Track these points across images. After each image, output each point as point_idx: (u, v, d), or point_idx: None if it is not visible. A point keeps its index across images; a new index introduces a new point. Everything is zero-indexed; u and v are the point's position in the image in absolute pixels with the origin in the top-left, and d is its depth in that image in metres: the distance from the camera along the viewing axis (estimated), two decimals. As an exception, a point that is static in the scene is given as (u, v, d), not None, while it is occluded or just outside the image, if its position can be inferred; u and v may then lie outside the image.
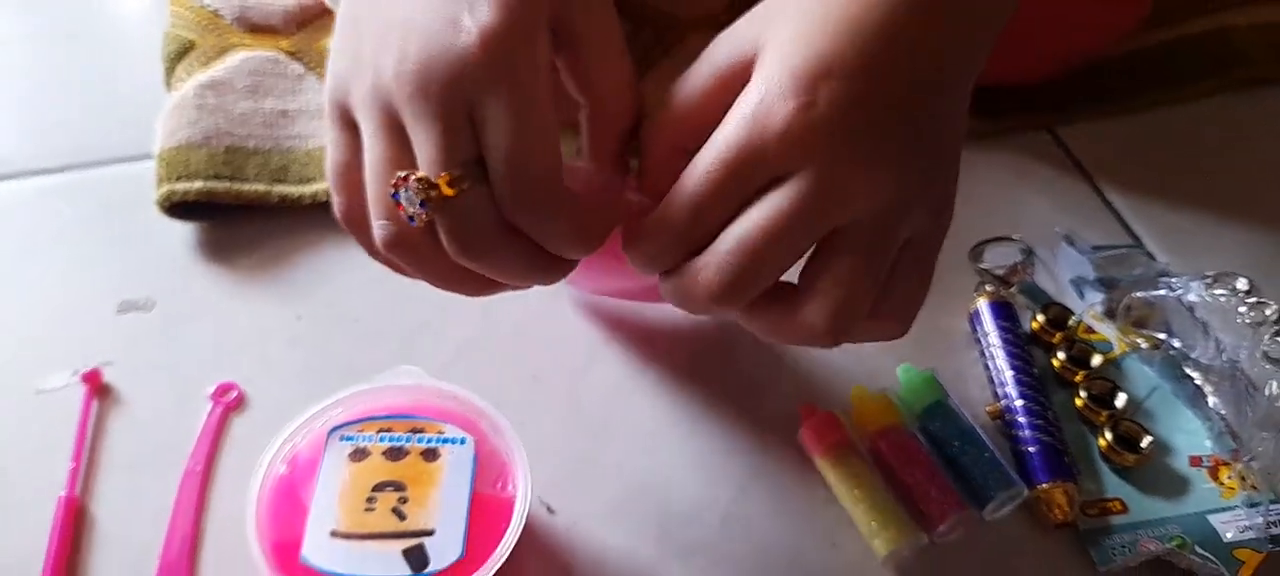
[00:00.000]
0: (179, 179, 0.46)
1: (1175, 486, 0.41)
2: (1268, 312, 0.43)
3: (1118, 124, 0.56)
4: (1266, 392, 0.40)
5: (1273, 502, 0.39)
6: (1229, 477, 0.40)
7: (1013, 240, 0.49)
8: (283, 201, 0.47)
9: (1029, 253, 0.48)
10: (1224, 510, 0.39)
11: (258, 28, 0.54)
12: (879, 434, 0.40)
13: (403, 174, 0.29)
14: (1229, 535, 0.39)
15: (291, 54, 0.53)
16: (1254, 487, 0.40)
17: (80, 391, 0.41)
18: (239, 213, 0.47)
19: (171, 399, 0.41)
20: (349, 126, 0.31)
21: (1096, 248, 0.48)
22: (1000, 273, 0.47)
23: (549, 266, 0.31)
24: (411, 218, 0.29)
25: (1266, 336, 0.41)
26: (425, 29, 0.29)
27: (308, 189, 0.47)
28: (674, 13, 0.59)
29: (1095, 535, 0.39)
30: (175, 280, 0.45)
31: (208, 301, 0.44)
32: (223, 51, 0.52)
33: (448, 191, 0.28)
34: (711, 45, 0.32)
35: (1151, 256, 0.49)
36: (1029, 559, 0.39)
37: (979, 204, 0.51)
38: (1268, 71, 0.58)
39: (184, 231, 0.47)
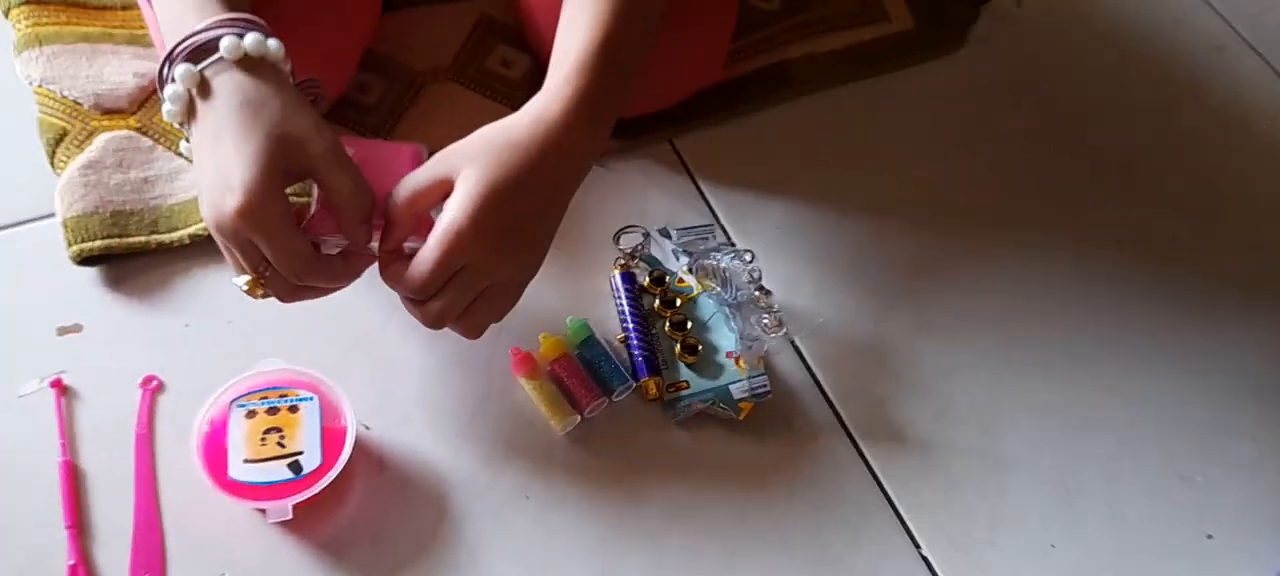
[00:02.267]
0: (83, 240, 0.68)
1: (716, 371, 0.73)
2: (755, 275, 0.76)
3: (715, 132, 0.87)
4: (751, 322, 0.73)
5: (753, 376, 0.72)
6: (742, 365, 0.74)
7: (637, 227, 0.79)
8: (159, 246, 0.70)
9: (647, 235, 0.79)
10: (738, 381, 0.73)
11: (109, 110, 0.75)
12: (554, 360, 0.71)
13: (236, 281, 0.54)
14: (737, 394, 0.72)
15: (140, 130, 0.75)
16: (749, 368, 0.73)
17: (50, 392, 0.64)
18: (131, 255, 0.70)
19: (113, 389, 0.65)
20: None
21: (683, 230, 0.79)
22: (629, 250, 0.78)
23: (331, 290, 0.58)
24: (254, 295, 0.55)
25: (755, 291, 0.75)
26: (208, 195, 0.52)
27: (175, 234, 0.71)
28: (412, 66, 0.84)
29: (672, 403, 0.71)
30: (92, 308, 0.68)
31: (119, 319, 0.68)
32: (90, 134, 0.73)
33: (257, 292, 0.54)
34: (429, 163, 0.57)
35: (720, 231, 0.81)
36: (638, 419, 0.71)
37: (619, 200, 0.81)
38: (813, 88, 0.91)
39: (91, 272, 0.69)
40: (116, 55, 0.77)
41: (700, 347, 0.73)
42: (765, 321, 0.73)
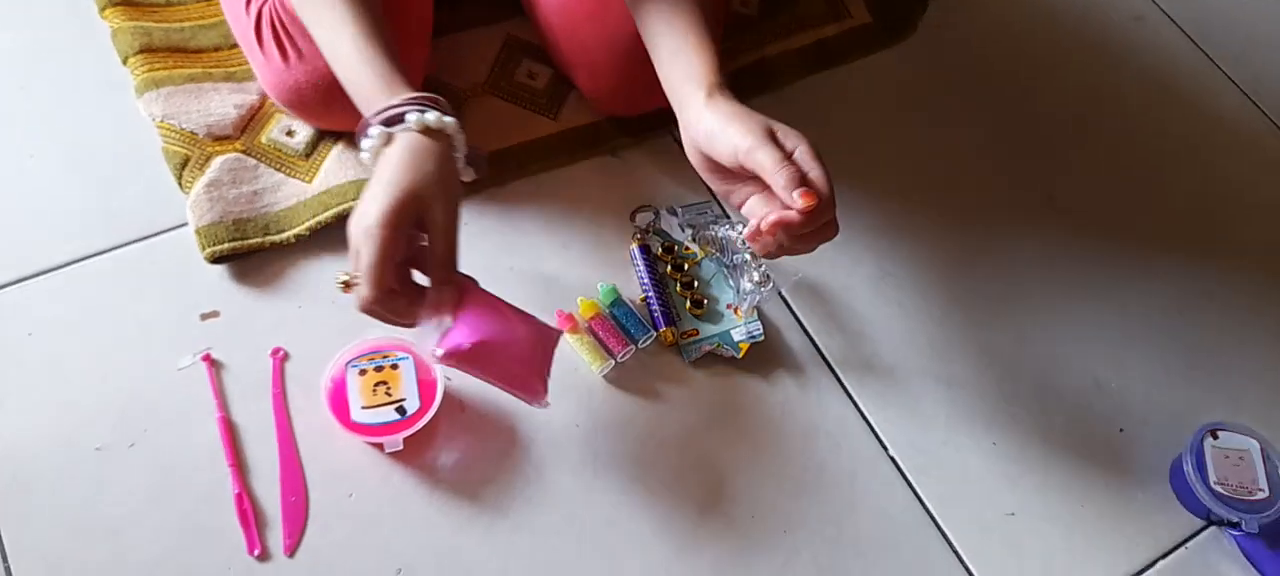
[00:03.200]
0: (213, 244, 0.86)
1: (718, 319, 0.91)
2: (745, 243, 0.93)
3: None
4: (744, 279, 0.91)
5: (749, 322, 0.90)
6: (739, 314, 0.92)
7: (649, 207, 0.97)
8: (272, 245, 0.88)
9: (657, 213, 0.96)
10: (737, 327, 0.91)
11: (219, 137, 0.92)
12: (591, 318, 0.89)
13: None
14: (737, 337, 0.90)
15: (245, 151, 0.92)
16: (746, 316, 0.91)
17: (202, 365, 0.82)
18: (251, 253, 0.88)
19: (249, 358, 0.83)
20: None
21: (687, 207, 0.97)
22: (643, 226, 0.96)
23: (394, 322, 0.71)
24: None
25: (747, 254, 0.92)
26: (360, 208, 0.67)
27: (283, 235, 0.88)
28: (455, 85, 1.01)
29: (685, 347, 0.90)
30: (226, 297, 0.86)
31: (247, 305, 0.86)
32: (207, 158, 0.90)
33: (345, 289, 0.70)
34: (751, 130, 0.70)
35: (717, 206, 0.99)
36: (658, 361, 0.89)
37: (632, 185, 0.98)
38: (790, 80, 1.08)
39: (221, 269, 0.87)
40: (216, 91, 0.94)
41: (705, 301, 0.92)
42: (756, 278, 0.91)
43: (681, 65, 0.78)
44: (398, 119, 0.70)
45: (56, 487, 0.76)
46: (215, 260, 0.86)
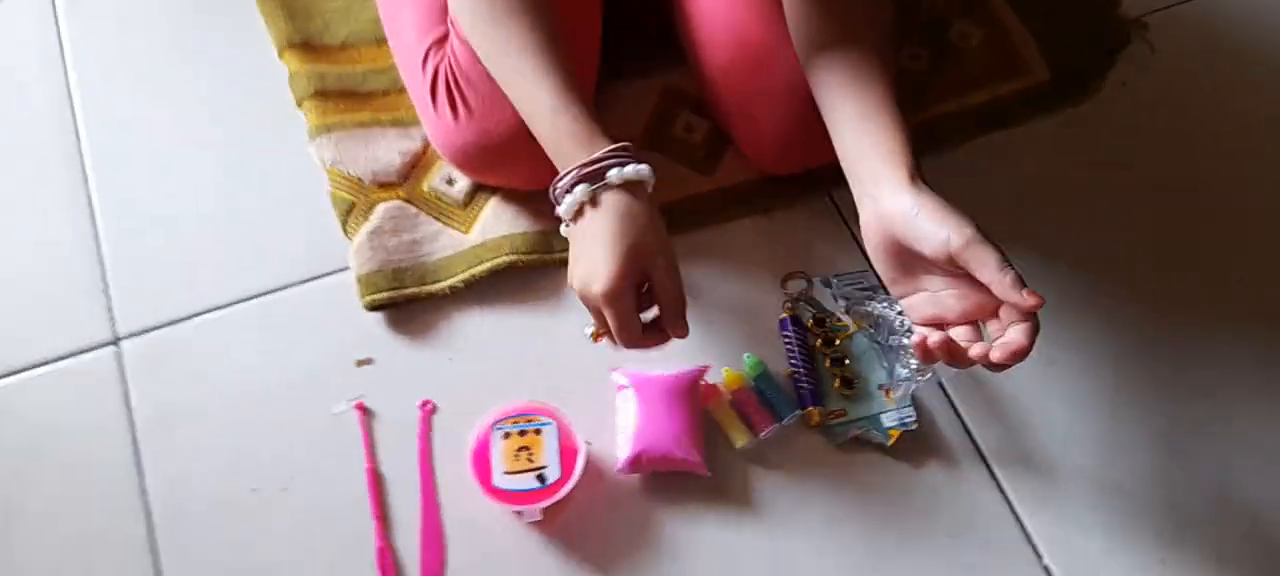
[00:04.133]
0: (372, 293, 0.88)
1: (868, 402, 0.88)
2: (905, 323, 0.89)
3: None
4: (900, 365, 0.87)
5: (902, 408, 0.86)
6: (891, 397, 0.88)
7: (801, 274, 0.94)
8: (428, 295, 0.90)
9: (809, 281, 0.94)
10: (888, 412, 0.87)
11: (383, 184, 0.95)
12: (736, 391, 0.87)
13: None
14: (888, 423, 0.87)
15: (407, 200, 0.94)
16: (898, 401, 0.87)
17: (354, 413, 0.85)
18: (408, 302, 0.90)
19: (399, 409, 0.85)
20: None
21: (842, 276, 0.94)
22: (794, 294, 0.93)
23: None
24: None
25: (904, 336, 0.88)
26: (582, 273, 0.72)
27: (440, 285, 0.90)
28: (613, 137, 1.01)
29: (830, 428, 0.87)
30: (380, 345, 0.88)
31: (401, 354, 0.88)
32: (371, 206, 0.93)
33: (598, 338, 0.73)
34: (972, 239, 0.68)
35: (874, 277, 0.95)
36: (803, 442, 0.86)
37: (785, 249, 0.95)
38: (947, 142, 1.03)
39: (378, 316, 0.89)
40: (384, 137, 0.97)
41: (856, 381, 0.88)
42: (913, 365, 0.87)
43: (871, 138, 0.75)
44: (598, 175, 0.72)
45: (213, 524, 0.80)
46: (373, 308, 0.89)
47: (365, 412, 0.85)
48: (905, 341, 0.88)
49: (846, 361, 0.89)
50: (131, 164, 0.98)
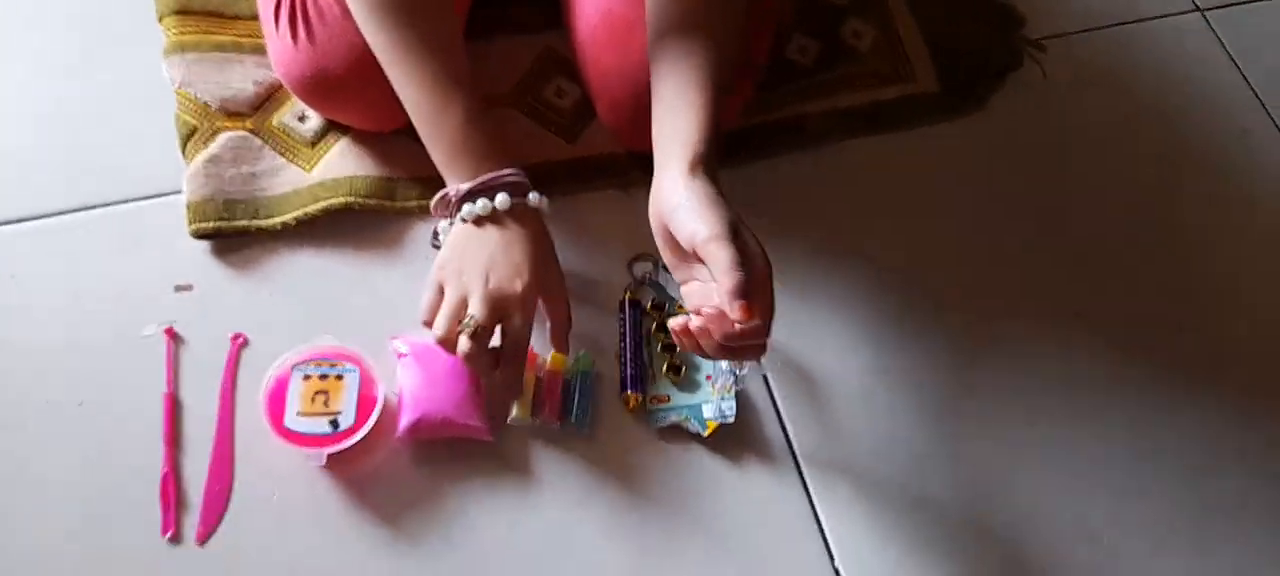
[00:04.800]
0: (200, 220, 0.87)
1: (695, 388, 0.87)
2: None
3: (730, 173, 0.99)
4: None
5: (723, 400, 0.86)
6: (716, 387, 0.87)
7: (649, 258, 0.93)
8: (258, 230, 0.88)
9: (656, 264, 0.92)
10: (709, 402, 0.86)
11: (232, 113, 0.93)
12: (549, 373, 0.84)
13: (468, 317, 0.74)
14: (707, 413, 0.85)
15: (253, 131, 0.93)
16: (721, 393, 0.87)
17: (163, 338, 0.84)
18: (236, 234, 0.88)
19: (210, 339, 0.84)
20: (439, 289, 0.76)
21: (685, 261, 0.93)
22: (639, 276, 0.92)
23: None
24: (463, 334, 0.74)
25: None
26: (496, 275, 0.75)
27: (270, 221, 0.89)
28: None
29: (651, 413, 0.85)
30: (204, 274, 0.87)
31: (222, 285, 0.87)
32: (214, 133, 0.91)
33: (470, 334, 0.73)
34: (716, 225, 0.67)
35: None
36: (618, 426, 0.85)
37: (637, 232, 0.94)
38: (820, 140, 1.02)
39: (204, 244, 0.88)
40: (242, 64, 0.95)
41: (684, 368, 0.87)
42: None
43: (672, 122, 0.75)
44: (521, 191, 0.79)
45: (5, 432, 0.79)
46: (199, 236, 0.87)
47: (174, 338, 0.84)
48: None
49: (677, 348, 0.88)
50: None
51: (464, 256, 0.77)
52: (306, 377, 0.80)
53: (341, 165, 0.92)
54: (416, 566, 0.77)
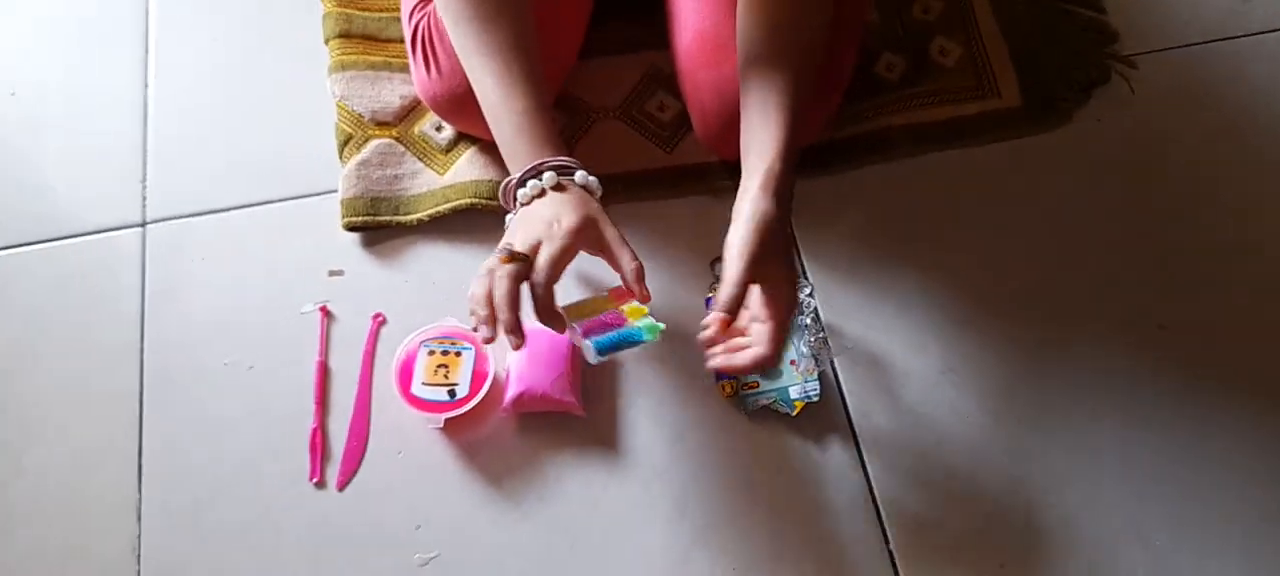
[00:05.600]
0: (350, 215, 1.03)
1: (780, 374, 0.96)
2: (813, 304, 0.97)
3: (813, 181, 1.08)
4: (802, 343, 0.95)
5: (807, 382, 0.95)
6: (799, 370, 0.96)
7: (731, 255, 1.03)
8: (398, 225, 1.03)
9: (737, 262, 1.02)
10: (795, 384, 0.95)
11: (381, 122, 1.09)
12: (616, 316, 0.97)
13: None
14: (793, 395, 0.95)
15: (397, 139, 1.08)
16: (805, 376, 0.96)
17: (318, 314, 1.00)
18: (380, 228, 1.04)
19: (356, 316, 0.99)
20: None
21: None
22: (719, 275, 1.02)
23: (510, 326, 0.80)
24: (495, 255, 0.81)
25: (809, 318, 0.97)
26: (537, 225, 0.80)
27: (409, 217, 1.03)
28: (589, 104, 1.11)
29: (742, 398, 0.96)
30: (353, 261, 1.03)
31: (367, 271, 1.02)
32: (366, 140, 1.07)
33: (505, 259, 0.79)
34: (735, 275, 0.79)
35: (798, 263, 1.03)
36: (717, 409, 0.96)
37: (722, 234, 1.05)
38: (903, 152, 1.09)
39: (353, 237, 1.04)
40: (391, 81, 1.11)
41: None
42: (813, 343, 0.95)
43: (752, 141, 0.85)
44: (567, 170, 0.83)
45: (190, 385, 0.97)
46: (350, 229, 1.03)
47: (327, 315, 1.00)
48: (809, 321, 0.96)
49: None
50: (189, 73, 1.15)
51: (512, 232, 0.83)
52: (431, 353, 0.94)
53: (469, 170, 1.06)
54: (515, 519, 0.90)
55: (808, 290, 0.98)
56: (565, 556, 0.89)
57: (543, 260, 0.78)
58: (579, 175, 0.84)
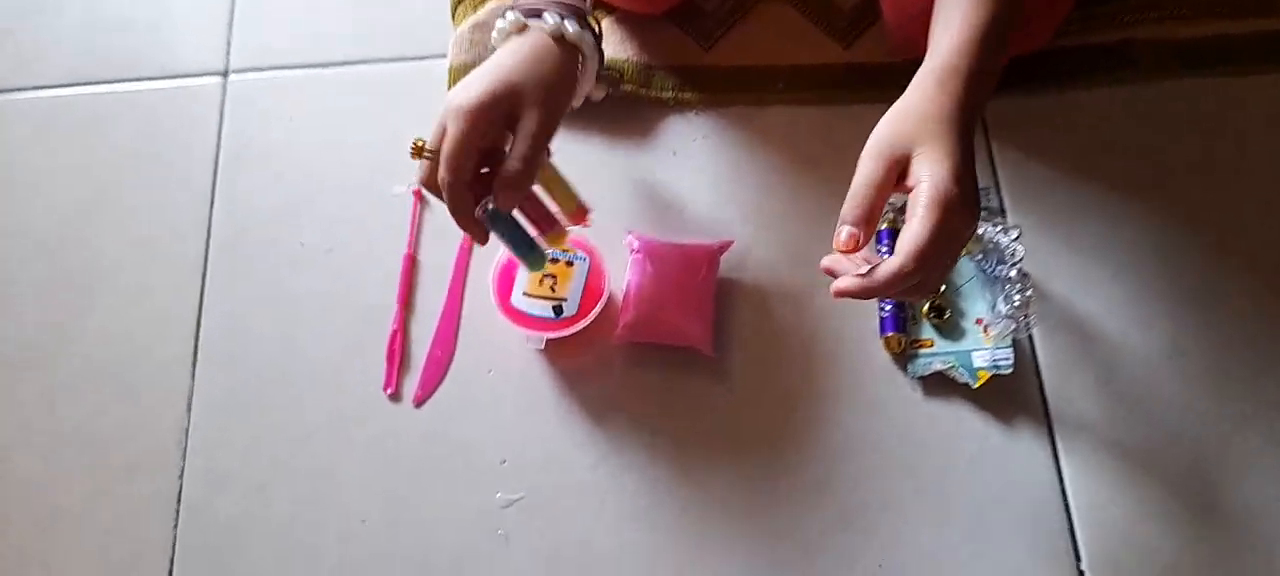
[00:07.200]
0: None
1: (961, 335, 0.76)
2: (1020, 252, 0.77)
3: (1027, 100, 0.86)
4: (1002, 297, 0.75)
5: (998, 348, 0.75)
6: (989, 336, 0.76)
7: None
8: (511, 102, 0.87)
9: (918, 190, 0.82)
10: (981, 349, 0.76)
11: (503, -22, 0.92)
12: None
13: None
14: (977, 363, 0.76)
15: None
16: (996, 341, 0.76)
17: (411, 197, 0.85)
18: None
19: (453, 207, 0.84)
20: None
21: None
22: (897, 203, 0.82)
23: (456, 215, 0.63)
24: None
25: (1012, 268, 0.76)
26: (460, 85, 0.63)
27: (524, 95, 0.87)
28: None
29: (912, 358, 0.76)
30: (455, 139, 0.87)
31: (471, 154, 0.86)
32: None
33: (415, 152, 0.64)
34: (875, 139, 0.59)
35: (996, 198, 0.82)
36: (880, 369, 0.77)
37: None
38: (1150, 73, 0.86)
39: (460, 111, 0.88)
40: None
41: (949, 312, 0.77)
42: (1016, 301, 0.75)
43: (949, 16, 0.64)
44: (535, 13, 0.66)
45: (258, 262, 0.83)
46: (456, 100, 0.87)
47: (421, 200, 0.84)
48: (1012, 274, 0.76)
49: (943, 287, 0.79)
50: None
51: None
52: (536, 258, 0.78)
53: (605, 46, 0.88)
54: (615, 468, 0.74)
55: (1014, 233, 0.78)
56: (672, 526, 0.73)
57: (444, 149, 0.62)
58: (550, 17, 0.65)
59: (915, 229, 0.56)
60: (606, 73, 0.70)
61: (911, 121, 0.59)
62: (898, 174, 0.59)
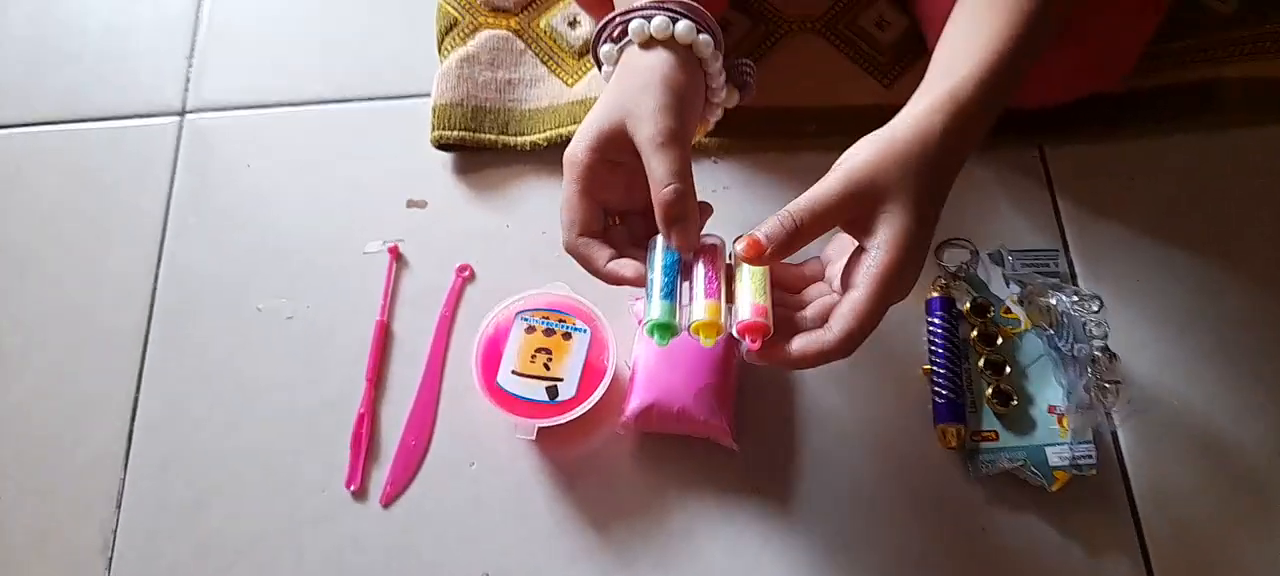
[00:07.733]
0: (444, 128, 0.75)
1: (1031, 426, 0.64)
2: (1101, 330, 0.65)
3: (1098, 148, 0.75)
4: (1083, 381, 0.63)
5: (1076, 444, 0.63)
6: (1064, 425, 0.64)
7: (966, 243, 0.71)
8: (504, 146, 0.76)
9: (975, 253, 0.71)
10: (1057, 444, 0.63)
11: (496, 9, 0.81)
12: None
13: None
14: (1054, 460, 0.63)
15: (517, 32, 0.80)
16: (1074, 434, 0.64)
17: (386, 256, 0.73)
18: (480, 149, 0.76)
19: (435, 267, 0.72)
20: None
21: (1022, 254, 0.70)
22: (951, 268, 0.70)
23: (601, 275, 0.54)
24: None
25: (1097, 347, 0.64)
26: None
27: (520, 139, 0.76)
28: (782, 12, 0.81)
29: (974, 454, 0.64)
30: (439, 190, 0.75)
31: (457, 207, 0.75)
32: (475, 29, 0.80)
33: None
34: (841, 165, 0.50)
35: (1065, 263, 0.70)
36: (931, 467, 0.65)
37: (955, 205, 0.73)
38: (1245, 120, 0.75)
39: (445, 156, 0.77)
40: (515, -47, 0.82)
41: (1015, 399, 0.65)
42: (1104, 386, 0.63)
43: (960, 31, 0.55)
44: (621, 32, 0.56)
45: (208, 330, 0.72)
46: (440, 145, 0.76)
47: (398, 258, 0.73)
48: (1097, 353, 0.64)
49: (1008, 368, 0.66)
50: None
51: None
52: (530, 329, 0.66)
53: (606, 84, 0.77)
54: (623, 587, 0.62)
55: (1095, 306, 0.66)
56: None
57: (561, 212, 0.54)
58: (635, 26, 0.55)
59: (858, 303, 0.49)
60: (738, 69, 0.59)
61: (895, 167, 0.50)
62: (855, 215, 0.50)
